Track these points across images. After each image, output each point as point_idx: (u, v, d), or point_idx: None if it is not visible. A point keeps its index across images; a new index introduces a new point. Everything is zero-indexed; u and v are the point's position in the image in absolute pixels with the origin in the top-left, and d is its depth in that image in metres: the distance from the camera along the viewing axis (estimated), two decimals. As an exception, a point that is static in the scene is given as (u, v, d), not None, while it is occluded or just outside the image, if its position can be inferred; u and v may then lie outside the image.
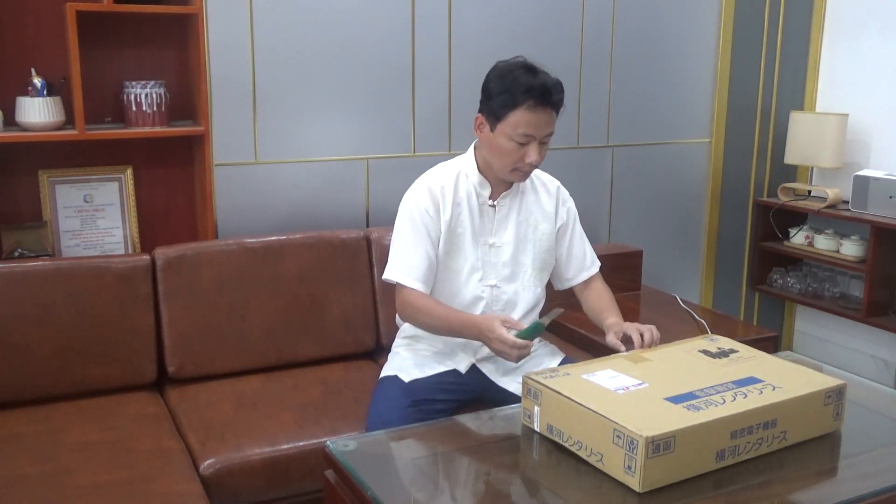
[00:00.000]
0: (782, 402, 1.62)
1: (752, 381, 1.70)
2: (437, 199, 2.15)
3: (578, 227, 2.33)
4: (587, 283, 2.32)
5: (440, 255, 2.16)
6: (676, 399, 1.59)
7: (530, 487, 1.56)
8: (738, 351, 1.88)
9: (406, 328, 2.32)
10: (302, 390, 2.55)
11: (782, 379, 1.71)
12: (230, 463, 2.19)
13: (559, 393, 1.63)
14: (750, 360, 1.83)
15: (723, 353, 1.86)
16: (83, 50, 2.51)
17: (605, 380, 1.69)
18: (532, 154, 2.05)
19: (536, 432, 1.70)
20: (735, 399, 1.60)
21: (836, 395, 1.71)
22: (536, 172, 2.27)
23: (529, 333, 1.93)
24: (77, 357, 2.45)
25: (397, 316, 2.37)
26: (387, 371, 2.27)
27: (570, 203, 2.32)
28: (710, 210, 3.87)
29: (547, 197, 2.26)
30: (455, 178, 2.18)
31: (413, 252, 2.13)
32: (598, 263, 2.35)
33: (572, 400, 1.59)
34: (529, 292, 2.24)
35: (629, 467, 1.46)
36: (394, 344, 2.39)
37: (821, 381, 1.72)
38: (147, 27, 2.74)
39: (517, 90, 2.01)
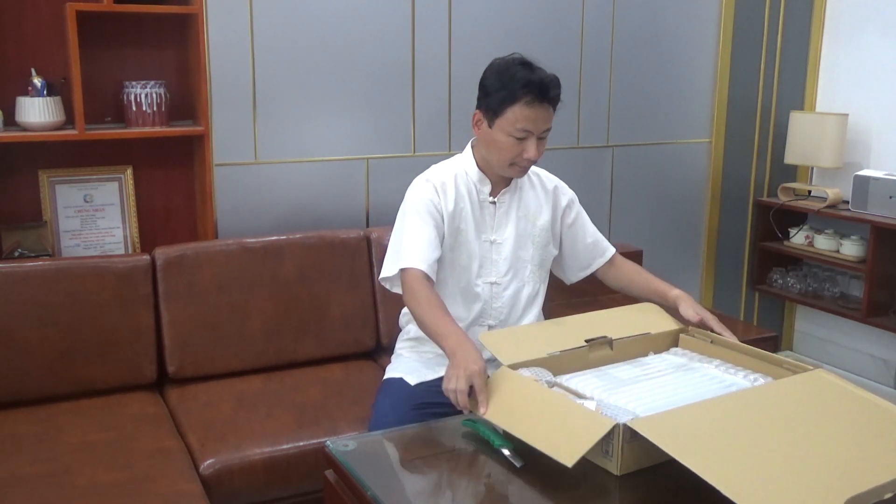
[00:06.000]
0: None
1: None
2: (439, 192, 2.14)
3: (584, 216, 2.32)
4: (612, 262, 2.33)
5: (445, 250, 2.15)
6: None
7: (518, 476, 1.56)
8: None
9: (410, 329, 2.31)
10: (302, 390, 2.55)
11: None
12: (230, 463, 2.19)
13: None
14: None
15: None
16: (83, 50, 2.51)
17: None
18: (530, 149, 2.06)
19: None
20: None
21: None
22: (535, 170, 2.28)
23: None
24: (77, 357, 2.45)
25: (400, 316, 2.37)
26: (391, 373, 2.26)
27: (570, 195, 2.31)
28: (710, 210, 3.87)
29: (544, 194, 2.27)
30: (454, 175, 2.18)
31: (416, 239, 2.07)
32: (612, 249, 2.35)
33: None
34: (529, 287, 2.25)
35: (607, 451, 1.49)
36: (397, 346, 2.37)
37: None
38: (147, 27, 2.74)
39: (515, 86, 2.01)
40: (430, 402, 2.10)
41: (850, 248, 3.60)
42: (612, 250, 2.34)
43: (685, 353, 1.92)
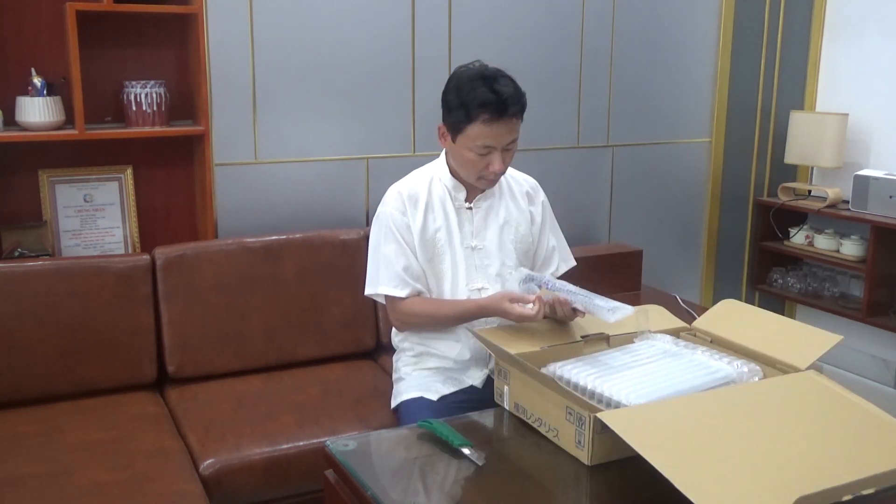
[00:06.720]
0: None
1: None
2: (407, 206, 2.14)
3: (549, 223, 2.29)
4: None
5: (422, 262, 2.14)
6: None
7: (518, 473, 1.59)
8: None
9: (406, 349, 2.27)
10: (302, 390, 2.55)
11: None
12: (230, 463, 2.19)
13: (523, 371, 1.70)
14: None
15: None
16: (83, 50, 2.51)
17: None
18: (495, 163, 2.05)
19: (507, 410, 1.79)
20: None
21: None
22: (511, 172, 2.26)
23: None
24: (77, 357, 2.45)
25: (393, 337, 2.32)
26: (405, 395, 2.20)
27: (542, 197, 2.29)
28: (710, 210, 3.87)
29: (522, 198, 2.25)
30: (428, 183, 2.17)
31: (397, 261, 2.11)
32: (567, 265, 2.31)
33: (534, 379, 1.66)
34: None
35: (579, 442, 1.56)
36: (399, 370, 2.29)
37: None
38: (147, 27, 2.74)
39: (472, 104, 1.99)
40: (453, 415, 2.06)
41: (850, 248, 3.60)
42: (566, 267, 2.30)
43: (668, 336, 1.91)
